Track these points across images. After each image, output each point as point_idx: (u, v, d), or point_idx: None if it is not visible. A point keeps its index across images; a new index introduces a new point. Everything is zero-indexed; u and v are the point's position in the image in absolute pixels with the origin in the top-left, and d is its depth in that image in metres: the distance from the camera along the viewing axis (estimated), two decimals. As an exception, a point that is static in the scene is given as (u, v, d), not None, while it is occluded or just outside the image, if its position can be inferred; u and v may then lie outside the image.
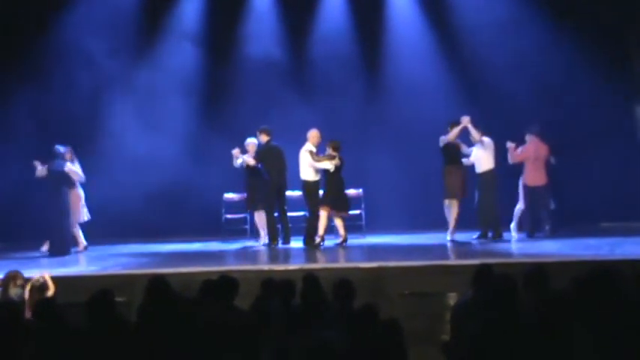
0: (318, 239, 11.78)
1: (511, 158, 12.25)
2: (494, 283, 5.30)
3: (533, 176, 12.21)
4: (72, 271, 10.03)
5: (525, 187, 12.30)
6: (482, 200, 11.98)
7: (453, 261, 10.32)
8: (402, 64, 13.99)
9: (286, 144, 12.41)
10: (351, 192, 12.91)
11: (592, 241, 11.10)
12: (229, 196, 13.52)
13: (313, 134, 12.14)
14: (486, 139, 11.97)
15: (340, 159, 11.84)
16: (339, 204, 11.90)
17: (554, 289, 5.43)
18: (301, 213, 12.70)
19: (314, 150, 12.00)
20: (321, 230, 11.82)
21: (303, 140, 12.22)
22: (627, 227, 12.42)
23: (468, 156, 12.13)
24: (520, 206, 12.40)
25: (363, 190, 13.59)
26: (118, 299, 5.73)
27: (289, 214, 12.66)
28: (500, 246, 11.38)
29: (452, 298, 8.14)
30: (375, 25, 14.37)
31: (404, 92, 13.66)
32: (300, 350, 4.48)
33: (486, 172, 11.96)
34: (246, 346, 5.14)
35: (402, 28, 14.26)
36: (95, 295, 5.42)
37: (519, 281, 5.51)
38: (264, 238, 12.42)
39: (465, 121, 11.93)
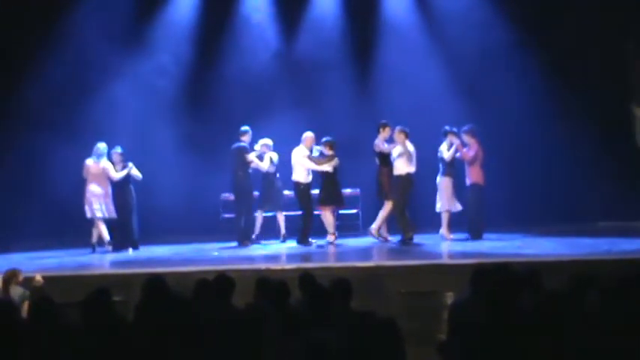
0: (331, 237, 12.02)
1: (462, 156, 12.09)
2: (491, 283, 5.31)
3: (482, 176, 12.14)
4: (68, 270, 10.04)
5: (475, 186, 12.11)
6: (395, 203, 11.96)
7: (449, 260, 10.34)
8: (396, 63, 14.01)
9: (282, 144, 12.51)
10: (347, 192, 12.97)
11: (589, 241, 11.12)
12: (227, 196, 13.53)
13: (308, 137, 12.27)
14: (400, 146, 11.94)
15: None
16: (337, 200, 12.08)
17: (551, 289, 5.43)
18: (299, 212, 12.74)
19: (307, 153, 12.16)
20: (330, 228, 12.06)
21: (296, 141, 12.31)
22: (625, 227, 12.43)
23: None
24: (451, 208, 12.21)
25: (360, 190, 13.63)
26: (115, 298, 5.72)
27: (286, 213, 12.90)
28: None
29: (449, 297, 8.15)
30: (368, 24, 14.39)
31: (398, 91, 13.67)
32: (297, 350, 4.48)
33: (401, 176, 11.90)
34: (243, 345, 5.13)
35: (396, 29, 14.26)
36: (92, 294, 5.41)
37: (516, 281, 5.51)
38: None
39: (399, 134, 11.94)
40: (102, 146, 12.30)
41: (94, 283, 7.30)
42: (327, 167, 12.02)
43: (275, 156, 12.63)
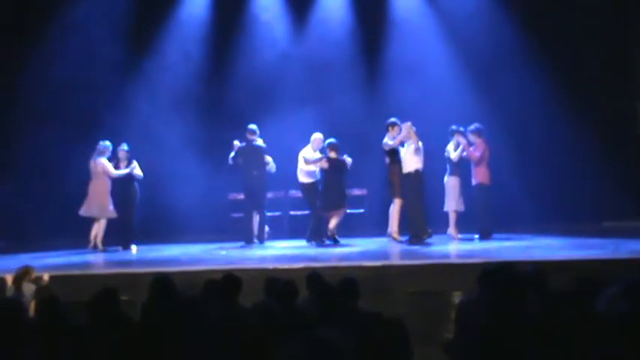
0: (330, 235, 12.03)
1: (469, 156, 12.03)
2: (499, 283, 5.29)
3: (488, 176, 12.06)
4: (75, 269, 10.06)
5: (481, 186, 12.04)
6: (406, 202, 11.86)
7: (457, 260, 10.32)
8: (404, 61, 14.00)
9: (289, 145, 12.51)
10: (355, 192, 12.97)
11: (596, 241, 11.09)
12: (235, 195, 13.55)
13: (316, 139, 12.33)
14: (409, 141, 11.85)
15: (333, 160, 11.94)
16: (333, 204, 11.97)
17: (557, 289, 5.42)
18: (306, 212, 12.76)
19: (313, 154, 12.22)
20: (330, 226, 12.04)
21: (305, 140, 12.37)
22: (630, 227, 12.39)
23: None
24: (457, 208, 12.15)
25: (367, 190, 13.63)
26: (122, 298, 5.72)
27: (293, 212, 12.92)
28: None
29: (456, 297, 8.13)
30: (376, 22, 14.41)
31: (406, 90, 13.65)
32: (303, 350, 4.47)
33: (410, 174, 11.81)
34: (250, 345, 5.13)
35: (404, 27, 14.28)
36: (99, 294, 5.41)
37: (523, 281, 5.50)
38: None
39: (407, 126, 11.83)
40: (103, 144, 12.31)
41: (101, 283, 7.30)
42: (313, 167, 12.14)
43: None
